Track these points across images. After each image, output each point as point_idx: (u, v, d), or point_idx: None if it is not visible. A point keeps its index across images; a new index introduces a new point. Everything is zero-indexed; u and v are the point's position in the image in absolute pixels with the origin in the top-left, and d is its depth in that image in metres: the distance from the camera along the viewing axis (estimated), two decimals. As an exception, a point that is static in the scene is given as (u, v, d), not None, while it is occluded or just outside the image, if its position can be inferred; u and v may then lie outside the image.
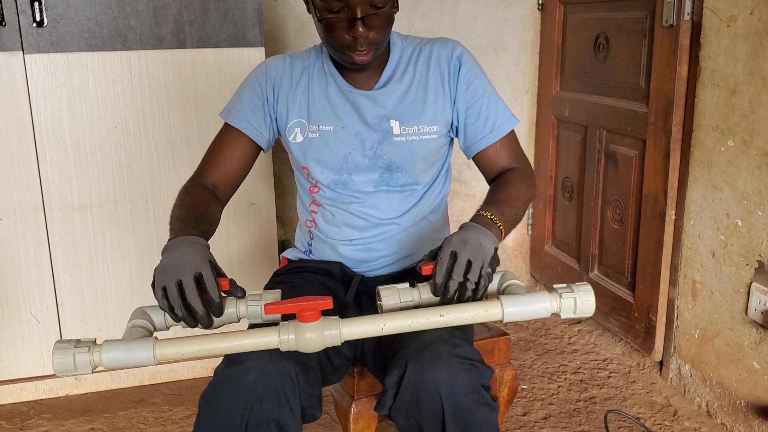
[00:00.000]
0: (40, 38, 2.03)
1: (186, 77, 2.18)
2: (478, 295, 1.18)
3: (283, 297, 1.28)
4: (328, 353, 1.34)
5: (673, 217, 2.21)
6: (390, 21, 1.38)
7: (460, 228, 1.26)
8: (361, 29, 1.32)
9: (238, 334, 1.13)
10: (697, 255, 2.12)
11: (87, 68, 2.10)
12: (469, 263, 1.17)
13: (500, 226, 1.29)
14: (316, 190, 1.54)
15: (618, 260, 2.51)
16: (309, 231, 1.60)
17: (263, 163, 2.31)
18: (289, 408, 1.23)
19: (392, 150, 1.47)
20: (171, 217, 1.35)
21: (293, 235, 2.86)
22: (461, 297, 1.18)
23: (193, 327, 1.17)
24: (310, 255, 1.61)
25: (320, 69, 1.50)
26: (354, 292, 1.51)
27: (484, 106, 1.49)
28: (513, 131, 1.53)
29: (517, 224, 1.40)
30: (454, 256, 1.18)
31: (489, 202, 1.38)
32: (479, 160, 1.53)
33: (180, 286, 1.14)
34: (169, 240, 1.26)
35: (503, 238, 1.31)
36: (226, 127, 1.53)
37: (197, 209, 1.37)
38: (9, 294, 2.19)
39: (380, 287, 1.23)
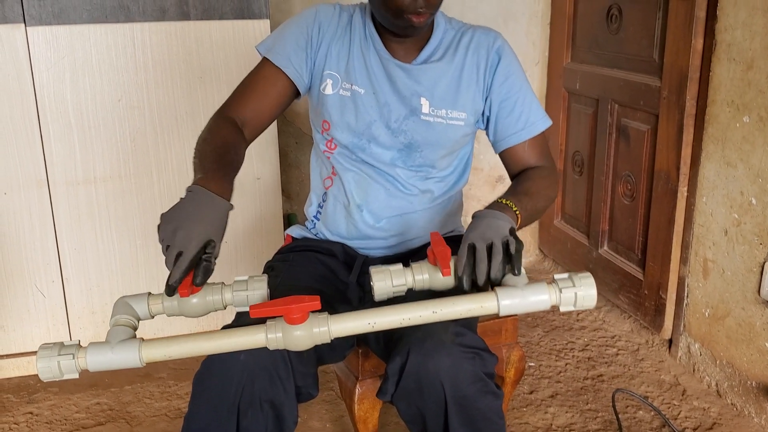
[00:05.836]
0: (42, 10, 2.00)
1: (190, 50, 2.14)
2: (503, 272, 1.13)
3: (281, 276, 1.25)
4: None
5: (686, 194, 2.17)
6: None
7: (473, 218, 1.23)
8: None
9: (224, 333, 1.10)
10: (709, 233, 2.08)
11: (90, 41, 2.06)
12: (490, 247, 1.14)
13: (516, 211, 1.27)
14: (333, 146, 1.51)
15: (628, 236, 2.48)
16: (324, 193, 1.56)
17: (268, 137, 2.28)
18: (282, 388, 1.21)
19: (417, 127, 1.45)
20: (199, 151, 1.30)
21: (299, 209, 2.84)
22: (482, 285, 1.14)
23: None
24: (315, 228, 1.59)
25: (362, 31, 1.47)
26: (357, 274, 1.49)
27: (519, 102, 1.47)
28: (544, 131, 1.50)
29: (537, 218, 1.39)
30: (472, 249, 1.14)
31: (508, 192, 1.36)
32: (506, 156, 1.51)
33: (178, 257, 1.10)
34: (197, 178, 1.20)
35: (520, 226, 1.28)
36: (265, 63, 1.47)
37: (227, 150, 1.32)
38: (14, 268, 2.18)
39: (372, 268, 1.19)
